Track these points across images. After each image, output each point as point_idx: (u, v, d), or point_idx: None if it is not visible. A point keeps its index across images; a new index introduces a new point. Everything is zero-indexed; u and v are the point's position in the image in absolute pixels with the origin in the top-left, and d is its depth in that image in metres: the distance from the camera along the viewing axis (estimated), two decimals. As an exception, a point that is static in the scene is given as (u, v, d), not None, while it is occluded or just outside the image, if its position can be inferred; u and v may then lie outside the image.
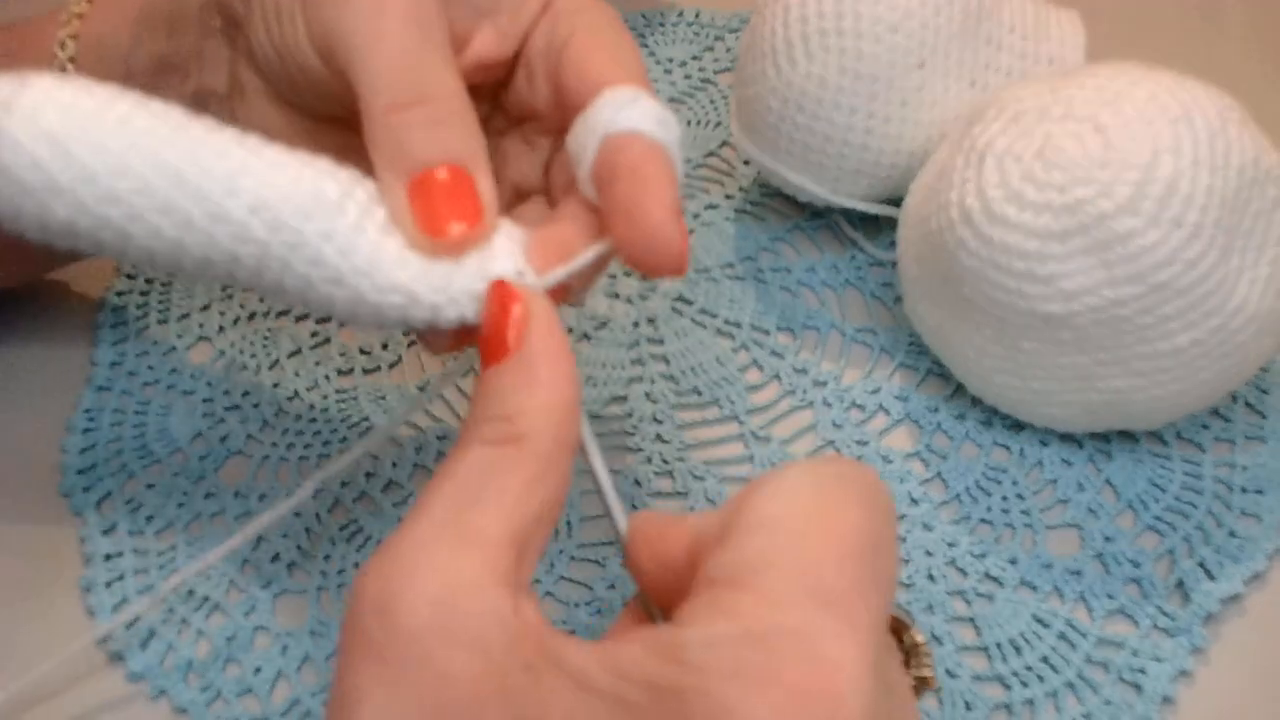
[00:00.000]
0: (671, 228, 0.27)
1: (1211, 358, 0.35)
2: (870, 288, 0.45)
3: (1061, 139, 0.35)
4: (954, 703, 0.34)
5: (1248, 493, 0.38)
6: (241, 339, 0.45)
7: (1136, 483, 0.38)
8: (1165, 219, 0.34)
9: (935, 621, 0.35)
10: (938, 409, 0.41)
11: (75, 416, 0.42)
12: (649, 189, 0.27)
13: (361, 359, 0.44)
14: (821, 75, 0.42)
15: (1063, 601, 0.36)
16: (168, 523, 0.39)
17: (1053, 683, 0.34)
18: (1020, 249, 0.35)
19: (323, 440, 0.41)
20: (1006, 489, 0.38)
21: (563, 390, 0.25)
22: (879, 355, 0.43)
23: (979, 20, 0.42)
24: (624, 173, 0.28)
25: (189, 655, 0.36)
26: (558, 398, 0.25)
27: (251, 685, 0.35)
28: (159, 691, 0.35)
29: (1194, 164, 0.34)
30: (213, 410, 0.42)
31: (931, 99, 0.42)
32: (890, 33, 0.41)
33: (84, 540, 0.39)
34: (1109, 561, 0.36)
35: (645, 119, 0.29)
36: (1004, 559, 0.37)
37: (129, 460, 0.41)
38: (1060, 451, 0.39)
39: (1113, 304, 0.35)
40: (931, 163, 0.41)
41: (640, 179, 0.28)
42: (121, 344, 0.45)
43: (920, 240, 0.39)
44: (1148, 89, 0.35)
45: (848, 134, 0.42)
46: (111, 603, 0.37)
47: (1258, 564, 0.36)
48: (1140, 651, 0.34)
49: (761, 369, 0.43)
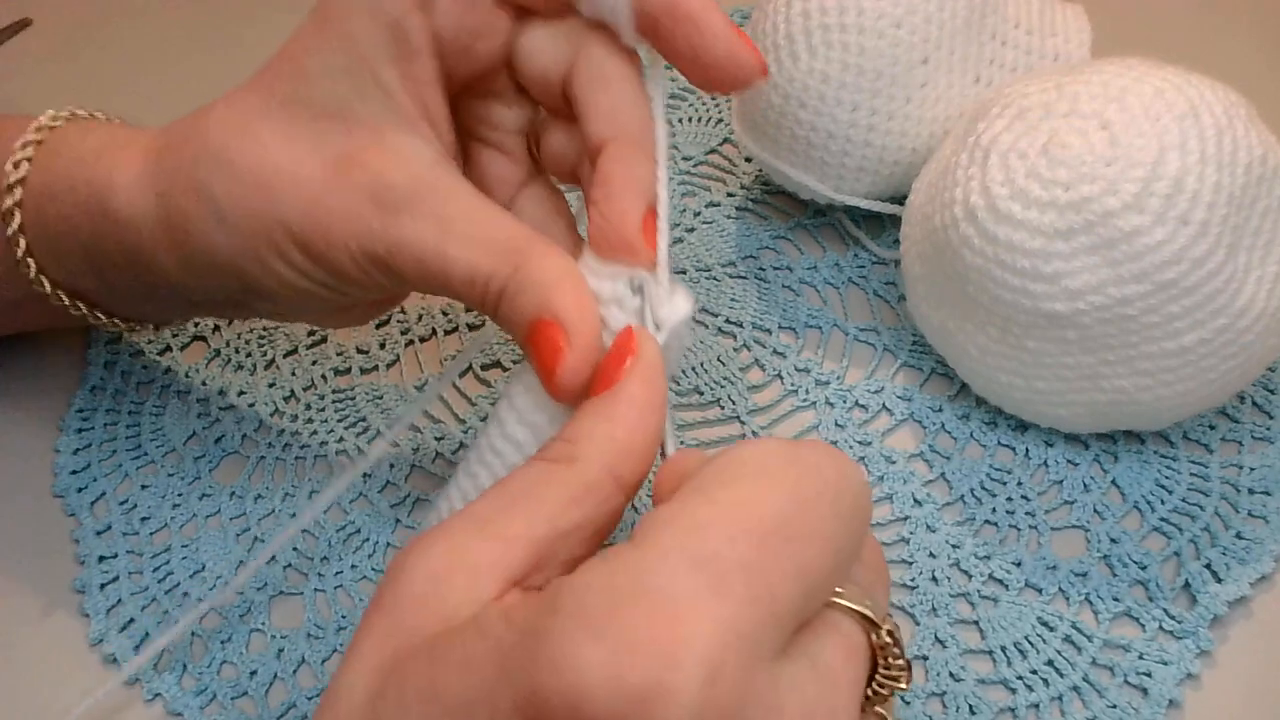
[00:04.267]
0: (739, 46, 0.29)
1: (1218, 357, 0.35)
2: (873, 286, 0.45)
3: (1067, 135, 0.35)
4: (958, 707, 0.33)
5: (1255, 494, 0.37)
6: (237, 338, 0.44)
7: (1143, 484, 0.38)
8: (1171, 217, 0.33)
9: (939, 624, 0.35)
10: (941, 409, 0.40)
11: (69, 416, 0.42)
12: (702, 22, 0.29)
13: (358, 359, 0.43)
14: (824, 71, 0.41)
15: (1068, 604, 0.35)
16: (162, 524, 0.39)
17: (1058, 686, 0.34)
18: (1025, 247, 0.35)
19: (319, 440, 0.41)
20: (1011, 490, 0.38)
21: (632, 431, 0.26)
22: (882, 355, 0.43)
23: (984, 15, 0.42)
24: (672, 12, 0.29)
25: (184, 658, 0.35)
26: (624, 436, 0.25)
27: (247, 688, 0.35)
28: (153, 695, 0.35)
29: (1201, 161, 0.34)
30: (208, 410, 0.42)
31: (935, 95, 0.42)
32: (894, 28, 0.41)
33: (78, 541, 0.38)
34: (1115, 563, 0.36)
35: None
36: (1009, 561, 0.36)
37: (123, 461, 0.41)
38: (1066, 452, 0.39)
39: (1118, 303, 0.34)
40: (935, 160, 0.40)
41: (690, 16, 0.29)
42: (115, 343, 0.44)
43: (924, 238, 0.39)
44: (1154, 85, 0.35)
45: (850, 131, 0.42)
46: (106, 605, 0.37)
47: (1265, 566, 0.36)
48: (1146, 655, 0.34)
49: (764, 368, 0.43)
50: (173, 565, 0.38)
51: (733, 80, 0.29)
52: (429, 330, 0.44)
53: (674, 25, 0.29)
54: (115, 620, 0.36)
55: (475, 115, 0.34)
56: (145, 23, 0.60)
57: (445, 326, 0.44)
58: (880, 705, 0.24)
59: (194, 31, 0.59)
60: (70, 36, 0.59)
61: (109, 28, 0.60)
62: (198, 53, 0.58)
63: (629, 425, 0.26)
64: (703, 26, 0.29)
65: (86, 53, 0.58)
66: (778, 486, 0.22)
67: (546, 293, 0.28)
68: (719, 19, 0.29)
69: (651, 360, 0.27)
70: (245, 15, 0.59)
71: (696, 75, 0.30)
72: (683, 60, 0.30)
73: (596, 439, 0.25)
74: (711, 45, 0.29)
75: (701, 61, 0.29)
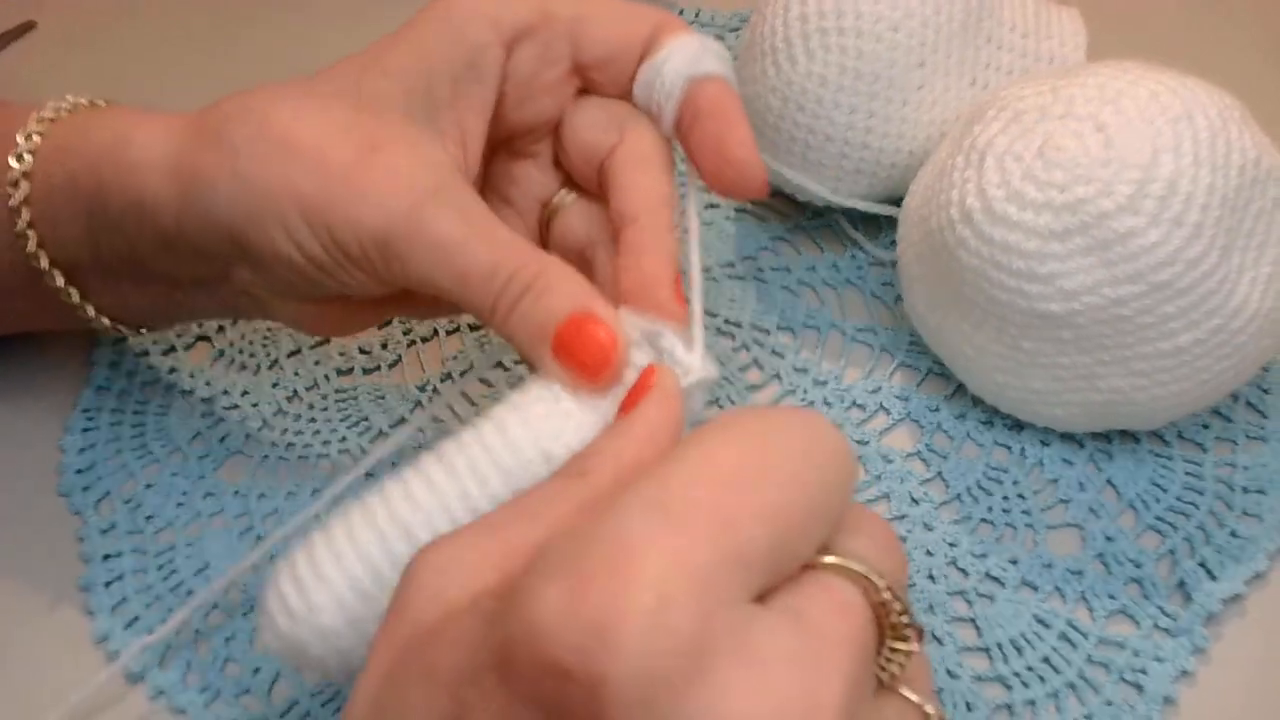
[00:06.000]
0: (757, 158, 0.32)
1: (1213, 358, 0.35)
2: (871, 287, 0.45)
3: (1062, 138, 0.35)
4: (955, 704, 0.34)
5: (1249, 493, 0.38)
6: (241, 338, 0.44)
7: (1138, 483, 0.38)
8: (1166, 218, 0.34)
9: (936, 622, 0.35)
10: (938, 409, 0.41)
11: (74, 416, 0.42)
12: (734, 126, 0.32)
13: (361, 359, 0.44)
14: (822, 74, 0.42)
15: (1064, 602, 0.36)
16: (167, 523, 0.39)
17: (1054, 683, 0.34)
18: (1020, 248, 0.35)
19: (322, 440, 0.41)
20: (1007, 489, 0.38)
21: (643, 448, 0.26)
22: (879, 355, 0.43)
23: (980, 19, 0.42)
24: (709, 114, 0.32)
25: (188, 655, 0.36)
26: (634, 451, 0.26)
27: (250, 685, 0.35)
28: (157, 692, 0.35)
29: (1195, 163, 0.34)
30: (212, 410, 0.42)
31: (932, 98, 0.42)
32: (891, 31, 0.41)
33: (82, 540, 0.39)
34: (1110, 562, 0.36)
35: (718, 62, 0.33)
36: (1005, 559, 0.37)
37: (128, 460, 0.41)
38: (1061, 451, 0.39)
39: (1113, 303, 0.34)
40: (932, 162, 0.41)
41: (726, 118, 0.32)
42: (120, 343, 0.45)
43: (921, 239, 0.39)
44: (1149, 88, 0.35)
45: (848, 133, 0.42)
46: (110, 603, 0.37)
47: (1259, 564, 0.36)
48: (1141, 652, 0.34)
49: (762, 368, 0.43)
50: (177, 564, 0.38)
51: (742, 182, 0.32)
52: (431, 331, 0.45)
53: (711, 121, 0.32)
54: (120, 618, 0.37)
55: (505, 171, 0.35)
56: (149, 25, 0.60)
57: (447, 327, 0.45)
58: (906, 686, 0.23)
59: (197, 34, 0.59)
60: (74, 39, 0.59)
61: (113, 30, 0.60)
62: (201, 55, 0.58)
63: (639, 442, 0.26)
64: (736, 128, 0.32)
65: (90, 55, 0.58)
66: (743, 437, 0.22)
67: (579, 290, 0.30)
68: (748, 128, 0.32)
69: (669, 389, 0.28)
70: (249, 17, 0.59)
71: (711, 168, 0.32)
72: (704, 152, 0.32)
73: (607, 454, 0.26)
74: (736, 147, 0.32)
75: (723, 158, 0.32)
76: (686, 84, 0.32)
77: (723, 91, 0.32)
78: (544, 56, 0.33)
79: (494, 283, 0.30)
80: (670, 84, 0.32)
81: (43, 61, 0.58)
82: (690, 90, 0.32)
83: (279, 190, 0.31)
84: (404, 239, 0.30)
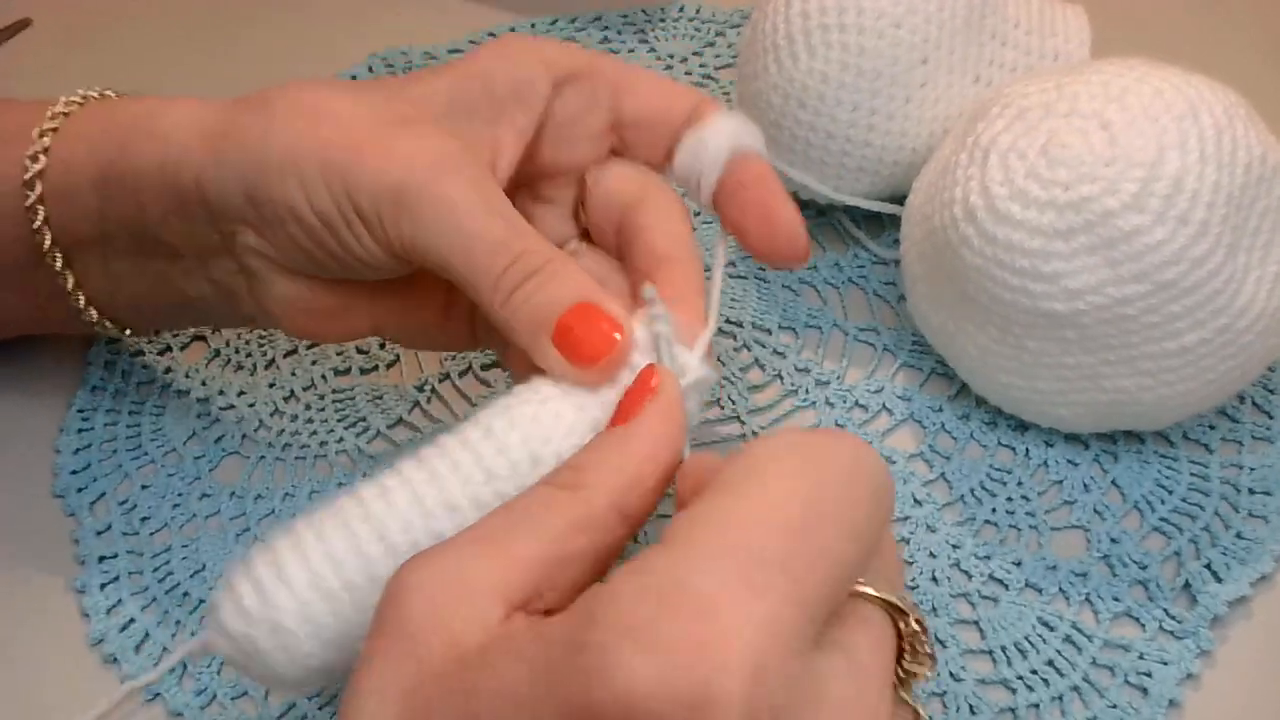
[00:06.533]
0: (801, 228, 0.33)
1: (1218, 357, 0.35)
2: (873, 286, 0.45)
3: (1066, 135, 0.35)
4: (958, 707, 0.33)
5: (1255, 494, 0.37)
6: (237, 338, 0.44)
7: (1143, 484, 0.38)
8: (1171, 216, 0.33)
9: (940, 624, 0.35)
10: (941, 409, 0.40)
11: (69, 416, 0.42)
12: (778, 198, 0.33)
13: (358, 359, 0.43)
14: (824, 71, 0.41)
15: (1068, 604, 0.35)
16: (162, 524, 0.39)
17: (1058, 686, 0.34)
18: (1024, 247, 0.35)
19: (319, 440, 0.41)
20: (1011, 490, 0.38)
21: (642, 464, 0.26)
22: (882, 354, 0.43)
23: (983, 15, 0.42)
24: (755, 184, 0.33)
25: (184, 658, 0.35)
26: (633, 469, 0.26)
27: (247, 688, 0.35)
28: (153, 694, 0.35)
29: (1200, 161, 0.34)
30: (208, 410, 0.42)
31: (935, 95, 0.42)
32: (894, 28, 0.41)
33: (78, 541, 0.38)
34: (1115, 563, 0.36)
35: (756, 138, 0.34)
36: (1009, 561, 0.36)
37: (123, 460, 0.41)
38: (1066, 452, 0.39)
39: (1118, 303, 0.34)
40: (935, 160, 0.40)
41: (770, 190, 0.33)
42: (115, 343, 0.44)
43: (923, 238, 0.39)
44: (1154, 85, 0.35)
45: (850, 131, 0.42)
46: (106, 605, 0.37)
47: (1265, 566, 0.36)
48: (1146, 655, 0.34)
49: (763, 368, 0.43)
50: (173, 565, 0.38)
51: (790, 248, 0.33)
52: (429, 330, 0.44)
53: (756, 191, 0.33)
54: (115, 620, 0.36)
55: (525, 211, 0.35)
56: (145, 24, 0.60)
57: (445, 326, 0.44)
58: (904, 691, 0.24)
59: (194, 32, 0.59)
60: (70, 37, 0.59)
61: (109, 28, 0.60)
62: (198, 53, 0.58)
63: (640, 458, 0.26)
64: (783, 199, 0.33)
65: (87, 53, 0.58)
66: (799, 474, 0.22)
67: (588, 281, 0.30)
68: (793, 202, 0.33)
69: (671, 398, 0.27)
70: (245, 16, 0.59)
71: (760, 233, 0.33)
72: (750, 219, 0.33)
73: (605, 470, 0.25)
74: (783, 216, 0.33)
75: (772, 224, 0.33)
76: (730, 155, 0.33)
77: (766, 166, 0.33)
78: (588, 104, 0.34)
79: (500, 258, 0.30)
80: (714, 153, 0.33)
81: (38, 59, 0.58)
82: (733, 163, 0.33)
83: (306, 144, 0.31)
84: (417, 191, 0.30)
